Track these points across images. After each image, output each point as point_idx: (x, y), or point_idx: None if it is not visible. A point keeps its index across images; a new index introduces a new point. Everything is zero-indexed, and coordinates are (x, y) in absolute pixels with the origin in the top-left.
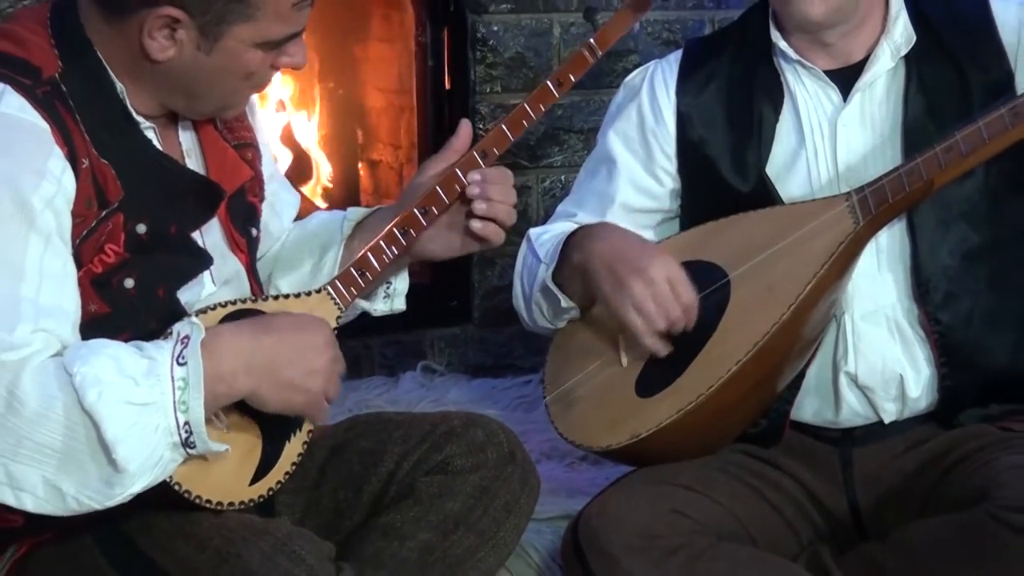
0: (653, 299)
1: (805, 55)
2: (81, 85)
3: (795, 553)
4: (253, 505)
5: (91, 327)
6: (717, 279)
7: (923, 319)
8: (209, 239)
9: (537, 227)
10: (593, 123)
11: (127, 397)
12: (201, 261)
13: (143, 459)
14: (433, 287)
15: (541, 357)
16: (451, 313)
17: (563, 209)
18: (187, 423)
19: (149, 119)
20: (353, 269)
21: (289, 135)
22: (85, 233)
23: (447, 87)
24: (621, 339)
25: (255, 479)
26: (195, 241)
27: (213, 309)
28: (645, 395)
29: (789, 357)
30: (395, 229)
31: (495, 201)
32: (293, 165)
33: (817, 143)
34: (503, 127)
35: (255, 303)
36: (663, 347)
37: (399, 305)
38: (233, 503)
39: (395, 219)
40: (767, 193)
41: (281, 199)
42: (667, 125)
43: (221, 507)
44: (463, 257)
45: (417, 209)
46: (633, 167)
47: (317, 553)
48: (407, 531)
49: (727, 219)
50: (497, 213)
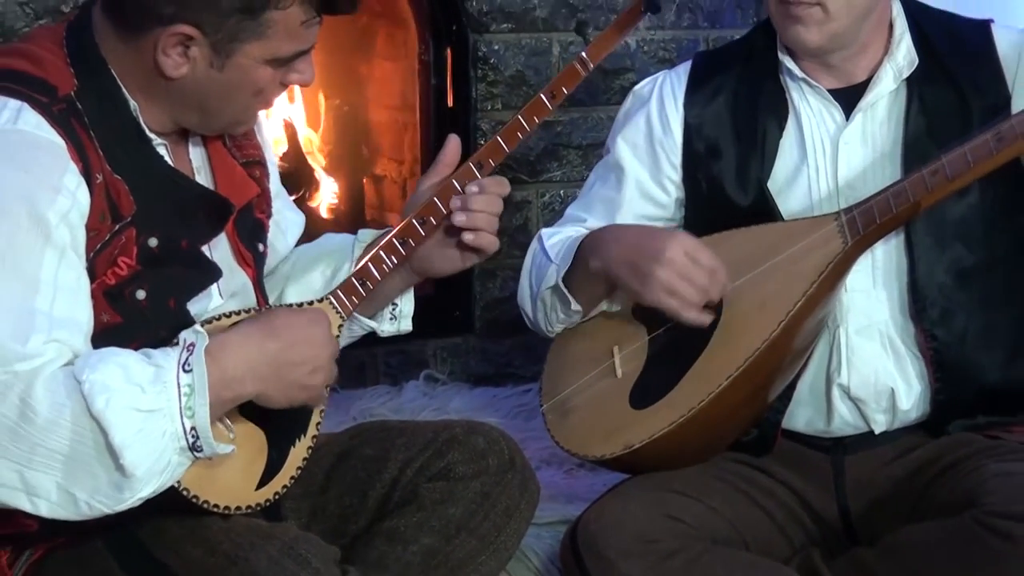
0: (679, 276)
1: (810, 74)
2: (96, 103)
3: (787, 557)
4: (260, 509)
5: (104, 337)
6: None
7: (919, 336)
8: (217, 253)
9: (548, 228)
10: (591, 139)
11: (134, 404)
12: (210, 274)
13: (151, 464)
14: (436, 298)
15: (540, 367)
16: (453, 324)
17: (573, 213)
18: (193, 428)
19: (161, 136)
20: (354, 279)
21: (296, 150)
22: (99, 246)
23: (449, 104)
24: (616, 349)
25: (261, 484)
26: (205, 255)
27: (219, 319)
28: (639, 406)
29: (779, 370)
30: (395, 239)
31: (475, 211)
32: (299, 179)
33: (819, 160)
34: (498, 139)
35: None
36: (707, 317)
37: (406, 326)
38: (240, 507)
39: (395, 230)
40: (767, 207)
41: (286, 218)
42: (674, 135)
43: (229, 511)
44: (465, 270)
45: (415, 220)
46: (641, 175)
47: (323, 557)
48: (410, 536)
49: (720, 234)
50: (477, 223)
